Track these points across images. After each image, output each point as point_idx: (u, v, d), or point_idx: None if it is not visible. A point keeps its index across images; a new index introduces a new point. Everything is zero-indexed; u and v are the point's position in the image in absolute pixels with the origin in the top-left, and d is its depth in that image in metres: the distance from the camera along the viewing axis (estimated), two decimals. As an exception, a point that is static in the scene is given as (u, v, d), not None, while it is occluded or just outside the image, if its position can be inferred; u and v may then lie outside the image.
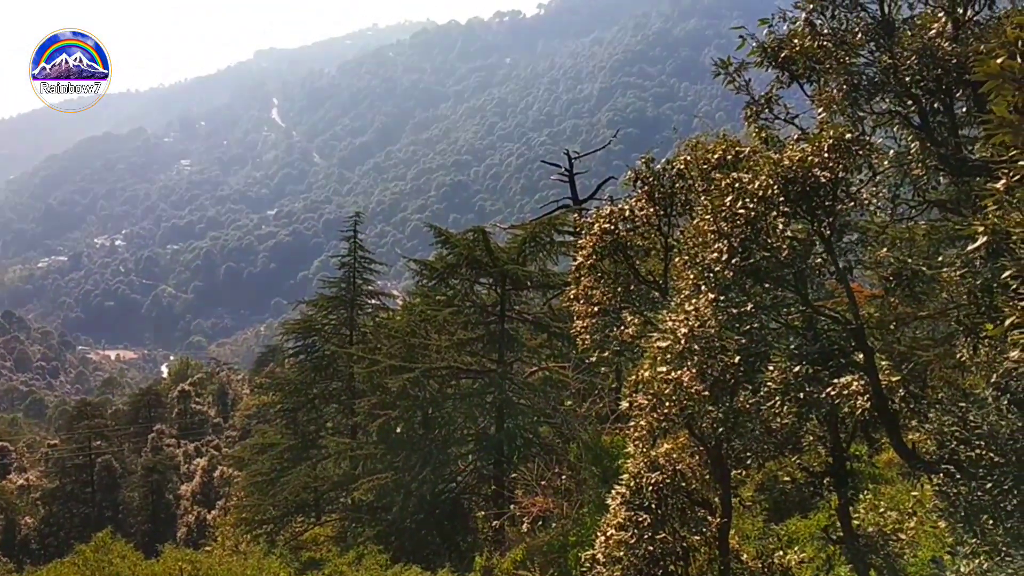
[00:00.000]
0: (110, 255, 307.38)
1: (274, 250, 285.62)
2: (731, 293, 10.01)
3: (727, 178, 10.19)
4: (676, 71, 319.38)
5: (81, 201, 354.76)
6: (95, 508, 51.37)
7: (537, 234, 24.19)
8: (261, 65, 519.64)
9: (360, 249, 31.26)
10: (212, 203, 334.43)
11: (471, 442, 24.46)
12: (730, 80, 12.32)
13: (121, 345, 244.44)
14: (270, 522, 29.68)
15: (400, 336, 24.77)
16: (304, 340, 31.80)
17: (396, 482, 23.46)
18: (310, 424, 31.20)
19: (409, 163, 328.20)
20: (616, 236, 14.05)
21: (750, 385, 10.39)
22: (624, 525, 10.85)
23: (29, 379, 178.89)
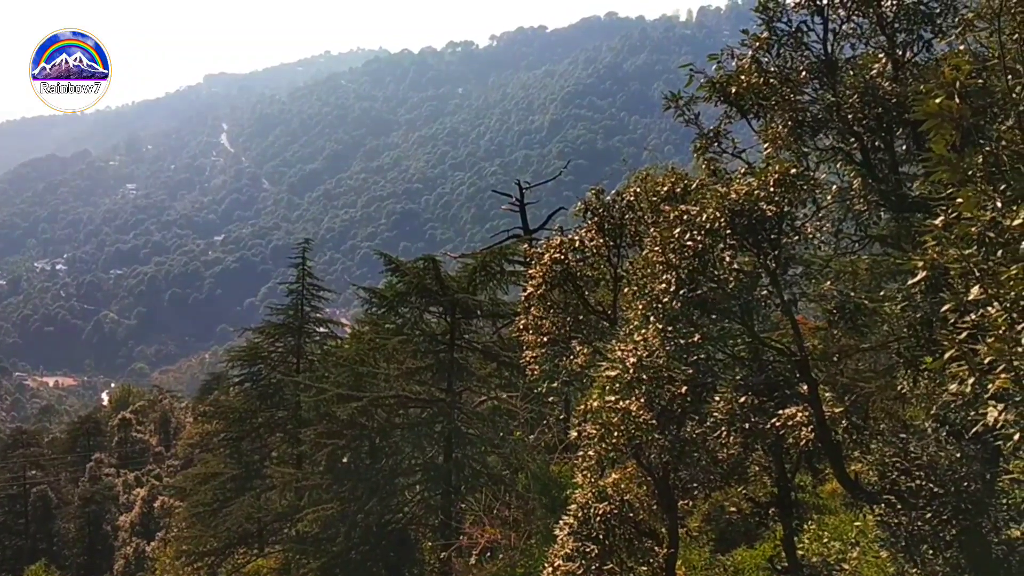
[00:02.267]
0: (50, 279, 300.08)
1: (220, 276, 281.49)
2: (679, 324, 10.11)
3: (676, 210, 10.33)
4: (626, 104, 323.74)
5: (21, 224, 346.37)
6: (29, 540, 49.78)
7: (487, 263, 24.21)
8: (211, 89, 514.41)
9: (309, 276, 30.97)
10: (158, 228, 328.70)
11: (419, 472, 24.21)
12: (680, 113, 12.54)
13: (60, 371, 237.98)
14: (212, 554, 29.02)
15: (348, 364, 24.51)
16: (250, 368, 31.33)
17: (342, 513, 23.10)
18: (255, 453, 30.67)
19: (360, 191, 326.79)
20: (566, 266, 14.14)
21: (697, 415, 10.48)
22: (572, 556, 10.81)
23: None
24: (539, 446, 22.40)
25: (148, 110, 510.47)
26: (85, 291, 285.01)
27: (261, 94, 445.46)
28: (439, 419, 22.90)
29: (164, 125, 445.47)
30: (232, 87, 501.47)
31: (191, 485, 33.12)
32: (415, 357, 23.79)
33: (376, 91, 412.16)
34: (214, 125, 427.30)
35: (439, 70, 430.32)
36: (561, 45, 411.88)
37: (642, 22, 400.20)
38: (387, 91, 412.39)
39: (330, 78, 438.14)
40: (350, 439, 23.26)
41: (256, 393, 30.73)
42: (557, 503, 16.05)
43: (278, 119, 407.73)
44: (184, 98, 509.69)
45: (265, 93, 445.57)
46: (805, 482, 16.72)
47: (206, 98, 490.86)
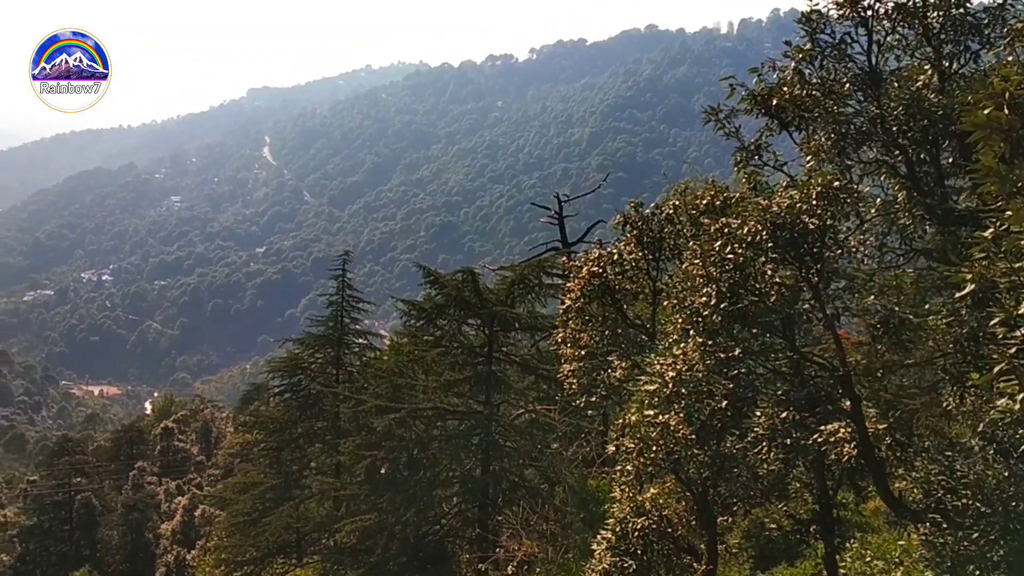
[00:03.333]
0: (97, 290, 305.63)
1: (262, 288, 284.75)
2: (719, 338, 10.01)
3: (716, 223, 10.25)
4: (666, 117, 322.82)
5: (69, 235, 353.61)
6: (73, 546, 50.55)
7: (526, 276, 24.21)
8: (254, 103, 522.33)
9: (348, 288, 31.19)
10: (201, 239, 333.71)
11: (456, 484, 24.21)
12: (720, 126, 12.46)
13: (105, 381, 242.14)
14: (251, 563, 29.25)
15: (387, 376, 24.62)
16: (290, 378, 31.59)
17: (380, 524, 23.17)
18: (294, 463, 30.90)
19: (399, 203, 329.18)
20: (604, 279, 14.08)
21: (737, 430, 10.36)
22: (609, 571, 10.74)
23: (10, 413, 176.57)
24: (577, 459, 22.32)
25: (193, 123, 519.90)
26: (130, 301, 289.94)
27: (303, 108, 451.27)
28: (477, 431, 22.90)
29: (208, 138, 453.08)
30: (275, 101, 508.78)
31: (231, 494, 33.43)
32: (453, 369, 23.83)
33: (416, 104, 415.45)
34: (257, 138, 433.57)
35: (479, 83, 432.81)
36: (601, 58, 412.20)
37: (682, 34, 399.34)
38: (427, 104, 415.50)
39: (371, 92, 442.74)
40: (388, 450, 23.34)
41: (296, 404, 30.97)
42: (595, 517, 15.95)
43: (320, 132, 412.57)
44: (228, 112, 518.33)
45: (307, 107, 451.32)
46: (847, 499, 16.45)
47: (250, 112, 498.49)
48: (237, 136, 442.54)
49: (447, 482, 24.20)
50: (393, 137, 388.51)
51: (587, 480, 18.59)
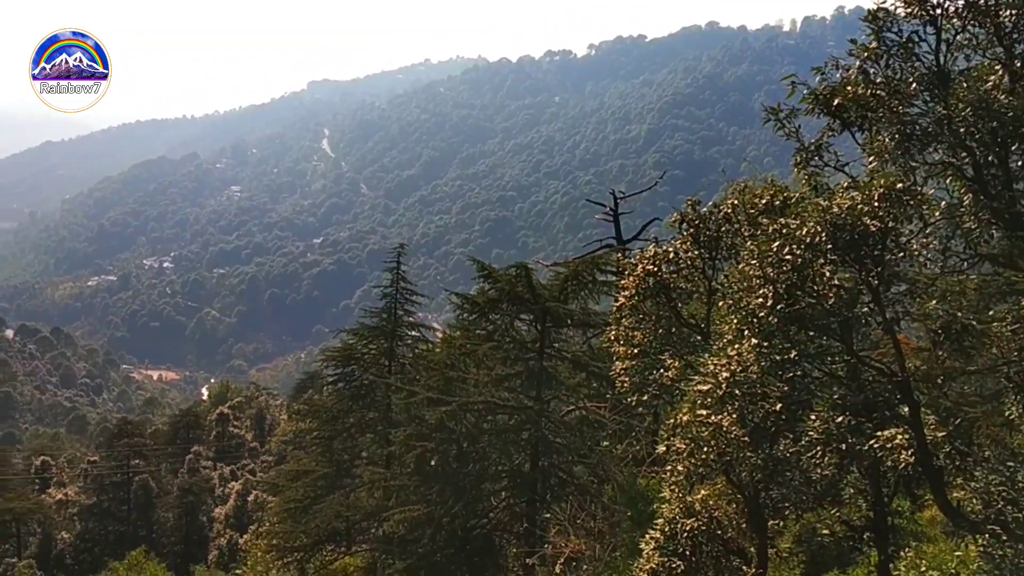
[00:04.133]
0: (158, 276, 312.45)
1: (318, 278, 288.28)
2: (775, 339, 9.91)
3: (774, 223, 10.14)
4: (725, 115, 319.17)
5: (133, 223, 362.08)
6: (130, 526, 51.80)
7: (579, 272, 24.16)
8: (314, 96, 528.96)
9: (402, 280, 31.41)
10: (259, 229, 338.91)
11: (505, 479, 24.30)
12: (780, 126, 12.29)
13: (164, 366, 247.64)
14: (301, 550, 29.69)
15: (439, 368, 24.79)
16: (343, 368, 31.95)
17: (428, 515, 23.35)
18: (345, 453, 31.26)
19: (455, 197, 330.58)
20: (659, 278, 14.00)
21: (791, 433, 10.25)
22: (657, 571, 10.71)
23: (73, 395, 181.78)
24: (627, 458, 22.22)
25: (254, 115, 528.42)
26: (189, 289, 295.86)
27: (362, 101, 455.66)
28: (527, 426, 22.94)
29: (269, 130, 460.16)
30: (335, 94, 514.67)
31: (283, 481, 33.96)
32: (505, 364, 23.91)
33: (474, 99, 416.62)
34: (316, 130, 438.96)
35: (536, 79, 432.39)
36: (660, 54, 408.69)
37: (743, 32, 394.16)
38: (484, 99, 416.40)
39: (429, 86, 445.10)
40: (438, 442, 23.50)
41: (349, 393, 31.32)
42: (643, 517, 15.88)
43: (378, 125, 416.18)
44: (289, 104, 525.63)
45: (366, 100, 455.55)
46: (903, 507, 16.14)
47: (309, 104, 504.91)
48: (297, 128, 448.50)
49: (496, 476, 24.29)
50: (450, 131, 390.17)
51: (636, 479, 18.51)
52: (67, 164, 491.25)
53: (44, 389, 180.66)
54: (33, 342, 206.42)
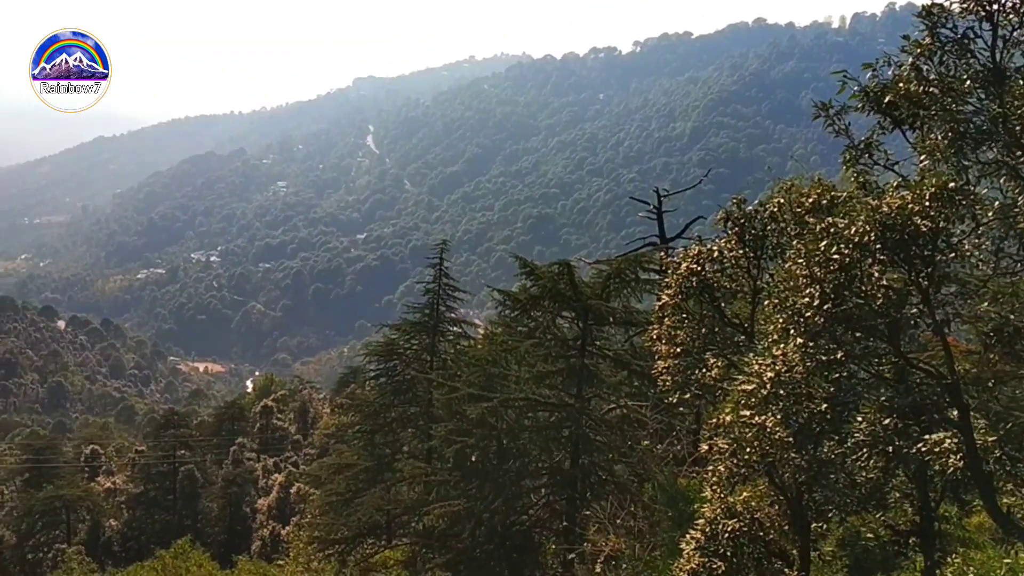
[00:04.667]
0: (205, 270, 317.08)
1: (361, 273, 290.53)
2: (821, 340, 9.79)
3: (822, 222, 10.01)
4: (771, 113, 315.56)
5: (181, 217, 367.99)
6: (176, 515, 52.63)
7: (622, 270, 24.08)
8: (360, 92, 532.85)
9: (445, 276, 31.52)
10: (305, 224, 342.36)
11: (545, 476, 24.30)
12: (830, 123, 12.10)
13: (210, 358, 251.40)
14: (342, 542, 29.97)
15: (480, 365, 24.85)
16: (385, 363, 32.17)
17: (468, 511, 23.44)
18: (387, 447, 31.47)
19: (497, 194, 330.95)
20: (703, 276, 13.89)
21: (836, 435, 10.12)
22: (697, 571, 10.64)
23: (122, 386, 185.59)
24: (667, 458, 22.10)
25: (300, 111, 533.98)
26: (236, 282, 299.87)
27: (407, 98, 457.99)
28: (567, 424, 22.92)
29: (315, 126, 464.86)
30: (380, 90, 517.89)
31: (326, 474, 34.30)
32: (546, 361, 23.88)
33: (518, 96, 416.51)
34: (361, 127, 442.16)
35: (581, 76, 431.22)
36: (706, 51, 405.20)
37: (792, 28, 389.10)
38: (528, 96, 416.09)
39: (473, 83, 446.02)
40: (479, 438, 23.57)
41: (391, 388, 31.53)
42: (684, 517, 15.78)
43: (422, 122, 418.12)
44: (334, 100, 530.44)
45: (411, 97, 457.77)
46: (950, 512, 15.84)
47: (355, 100, 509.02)
48: (342, 124, 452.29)
49: (536, 473, 24.31)
50: (493, 128, 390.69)
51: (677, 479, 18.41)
52: (118, 159, 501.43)
53: (94, 379, 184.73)
54: (84, 333, 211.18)
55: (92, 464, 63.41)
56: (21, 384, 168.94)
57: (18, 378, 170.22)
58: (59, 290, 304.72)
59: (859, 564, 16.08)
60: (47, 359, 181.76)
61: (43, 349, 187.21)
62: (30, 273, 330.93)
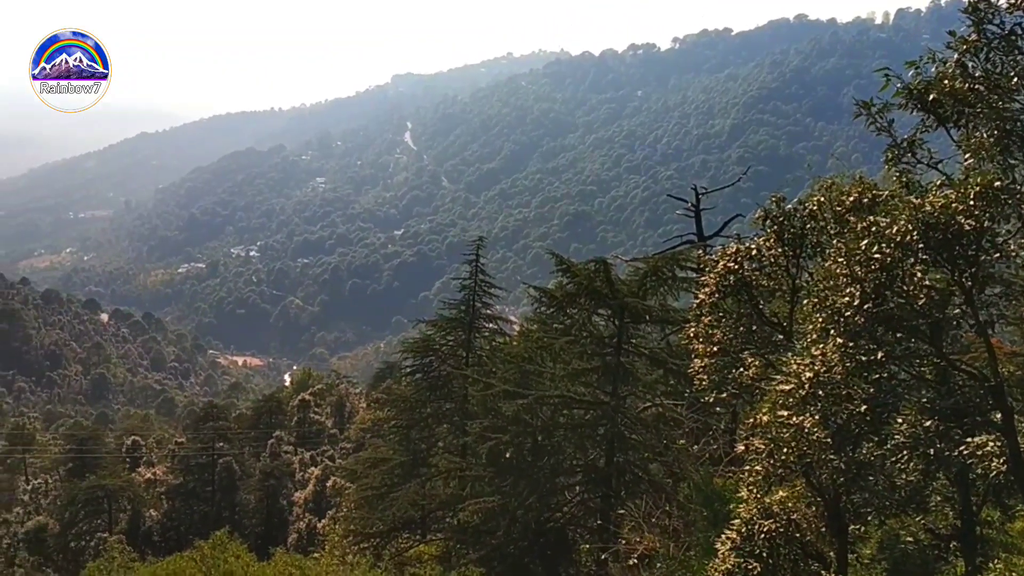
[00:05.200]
0: (244, 265, 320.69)
1: (398, 269, 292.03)
2: (861, 340, 9.66)
3: (863, 221, 9.88)
4: (812, 110, 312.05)
5: (222, 212, 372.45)
6: (214, 507, 53.27)
7: (659, 268, 23.95)
8: (398, 89, 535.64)
9: (481, 273, 31.57)
10: (343, 220, 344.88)
11: (580, 473, 24.28)
12: (872, 121, 11.91)
13: (248, 352, 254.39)
14: (377, 536, 30.19)
15: (515, 361, 24.88)
16: (421, 359, 32.29)
17: (503, 507, 23.48)
18: (422, 442, 31.62)
19: (534, 191, 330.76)
20: (741, 275, 13.77)
21: (876, 437, 9.98)
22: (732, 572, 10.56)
23: (163, 378, 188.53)
24: (703, 457, 21.96)
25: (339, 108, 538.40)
26: (274, 277, 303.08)
27: (445, 94, 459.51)
28: (602, 422, 22.87)
29: (353, 123, 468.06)
30: (418, 87, 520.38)
31: (361, 468, 34.55)
32: (581, 359, 23.84)
33: (555, 93, 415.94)
34: (399, 123, 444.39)
35: (619, 72, 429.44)
36: (746, 48, 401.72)
37: (833, 25, 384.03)
38: (566, 93, 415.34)
39: (511, 79, 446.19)
40: (514, 435, 23.60)
41: (426, 384, 31.65)
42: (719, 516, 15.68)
43: (460, 119, 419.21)
44: (373, 97, 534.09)
45: (448, 93, 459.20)
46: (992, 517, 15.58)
47: (393, 97, 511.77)
48: (380, 121, 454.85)
49: (570, 470, 24.29)
50: (531, 125, 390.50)
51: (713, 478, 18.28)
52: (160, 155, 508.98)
53: (136, 372, 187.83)
54: (126, 326, 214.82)
55: (133, 455, 64.42)
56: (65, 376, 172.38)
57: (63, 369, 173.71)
58: (103, 283, 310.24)
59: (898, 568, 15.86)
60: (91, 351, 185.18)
61: (87, 341, 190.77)
62: (75, 266, 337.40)
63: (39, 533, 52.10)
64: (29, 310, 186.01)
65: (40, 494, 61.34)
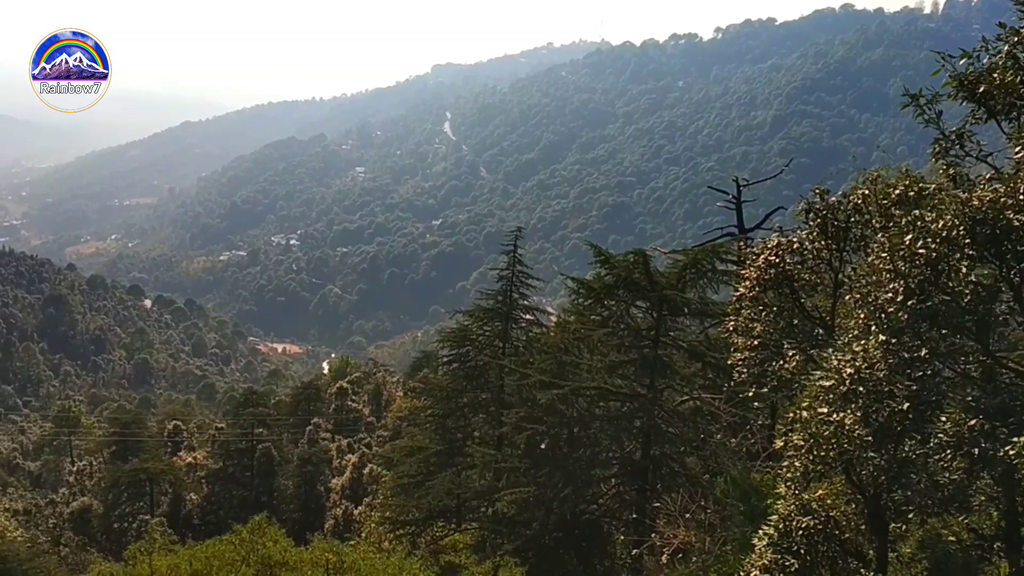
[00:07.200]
0: (284, 253, 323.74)
1: (436, 259, 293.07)
2: (904, 336, 9.51)
3: (908, 215, 9.71)
4: (857, 101, 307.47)
5: (263, 201, 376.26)
6: (252, 492, 53.94)
7: (699, 261, 23.76)
8: (438, 79, 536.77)
9: (519, 264, 31.52)
10: (381, 210, 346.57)
11: (615, 466, 24.23)
12: (920, 112, 11.67)
13: (288, 339, 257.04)
14: (413, 524, 30.39)
15: (552, 352, 24.86)
16: (458, 349, 32.37)
17: (538, 498, 23.51)
18: (458, 432, 31.74)
19: (573, 182, 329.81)
20: (782, 268, 13.63)
21: (918, 435, 9.82)
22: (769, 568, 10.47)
23: (204, 364, 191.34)
24: (740, 452, 21.80)
25: (379, 98, 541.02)
26: (314, 266, 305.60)
27: (484, 84, 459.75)
28: (639, 414, 22.79)
29: (393, 112, 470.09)
30: (458, 77, 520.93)
31: (398, 456, 34.78)
32: (619, 351, 23.78)
33: (595, 83, 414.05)
34: (439, 113, 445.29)
35: (660, 63, 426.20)
36: (790, 38, 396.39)
37: (880, 14, 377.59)
38: (606, 83, 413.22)
39: (551, 70, 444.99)
40: (550, 425, 23.61)
41: (463, 374, 31.74)
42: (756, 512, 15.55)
43: (499, 109, 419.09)
44: (412, 87, 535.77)
45: (488, 84, 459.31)
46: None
47: (433, 87, 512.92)
48: (420, 111, 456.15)
49: (606, 463, 24.25)
50: (570, 115, 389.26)
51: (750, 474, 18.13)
52: (203, 143, 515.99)
53: (177, 357, 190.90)
54: (168, 312, 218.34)
55: (174, 439, 65.51)
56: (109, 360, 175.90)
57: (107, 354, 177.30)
58: (146, 270, 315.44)
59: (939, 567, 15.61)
60: (134, 336, 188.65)
61: (130, 327, 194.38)
62: (120, 253, 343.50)
63: (83, 514, 53.23)
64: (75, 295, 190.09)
65: (85, 476, 62.70)
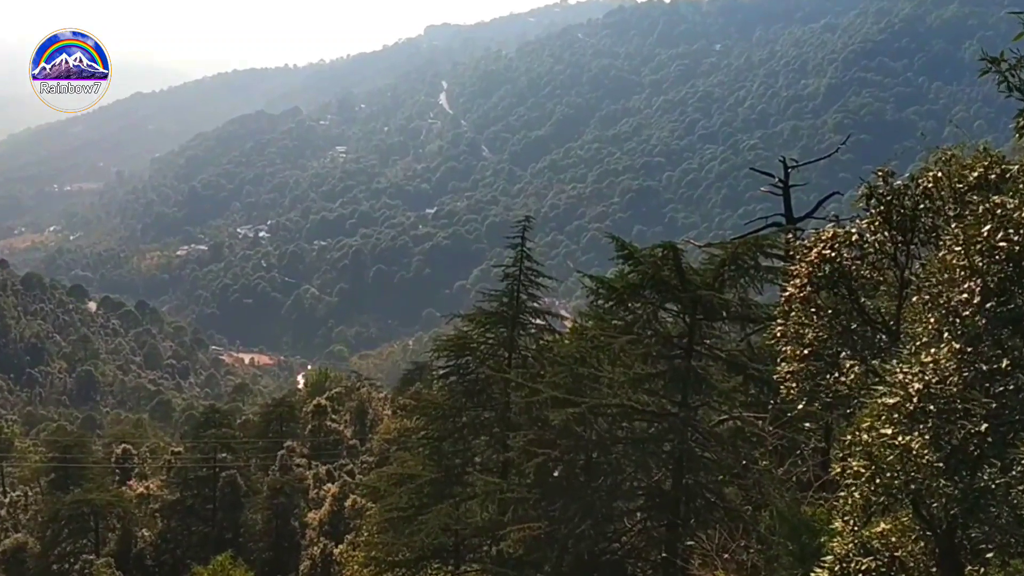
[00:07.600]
0: (252, 247, 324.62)
1: (430, 254, 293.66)
2: (982, 345, 9.51)
3: (987, 202, 9.71)
4: (925, 68, 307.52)
5: (227, 186, 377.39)
6: (215, 527, 54.04)
7: (739, 256, 23.76)
8: (432, 42, 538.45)
9: (527, 259, 31.52)
10: (366, 196, 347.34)
11: (641, 497, 24.23)
12: (1002, 80, 11.63)
13: (256, 348, 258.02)
14: (403, 566, 30.39)
15: (567, 364, 24.86)
16: (457, 359, 32.36)
17: (550, 534, 23.53)
18: (456, 457, 31.75)
19: (591, 163, 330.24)
20: (838, 264, 13.64)
21: (998, 461, 9.83)
22: (824, 617, 10.48)
23: (158, 377, 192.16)
24: (789, 481, 21.82)
25: (363, 64, 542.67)
26: (287, 262, 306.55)
27: (487, 48, 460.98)
28: (669, 437, 22.79)
29: (379, 82, 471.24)
30: (455, 40, 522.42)
31: (385, 486, 34.78)
32: (645, 362, 23.76)
33: (617, 47, 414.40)
34: (433, 83, 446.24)
35: (694, 22, 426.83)
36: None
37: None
38: (630, 47, 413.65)
39: (565, 31, 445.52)
40: (564, 450, 23.62)
41: (462, 389, 31.74)
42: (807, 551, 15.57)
43: (503, 77, 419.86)
44: (402, 52, 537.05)
45: (491, 47, 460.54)
46: None
47: (426, 52, 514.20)
48: (411, 80, 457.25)
49: (631, 493, 24.25)
50: (588, 85, 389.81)
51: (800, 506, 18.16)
52: (158, 117, 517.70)
53: (127, 369, 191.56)
54: (116, 317, 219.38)
55: (124, 466, 65.65)
56: (48, 373, 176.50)
57: (44, 366, 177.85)
58: (90, 267, 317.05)
59: (1023, 617, 15.62)
60: (76, 345, 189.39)
61: (72, 334, 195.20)
62: (59, 247, 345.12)
63: (17, 553, 53.30)
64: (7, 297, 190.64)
65: (19, 508, 62.91)
